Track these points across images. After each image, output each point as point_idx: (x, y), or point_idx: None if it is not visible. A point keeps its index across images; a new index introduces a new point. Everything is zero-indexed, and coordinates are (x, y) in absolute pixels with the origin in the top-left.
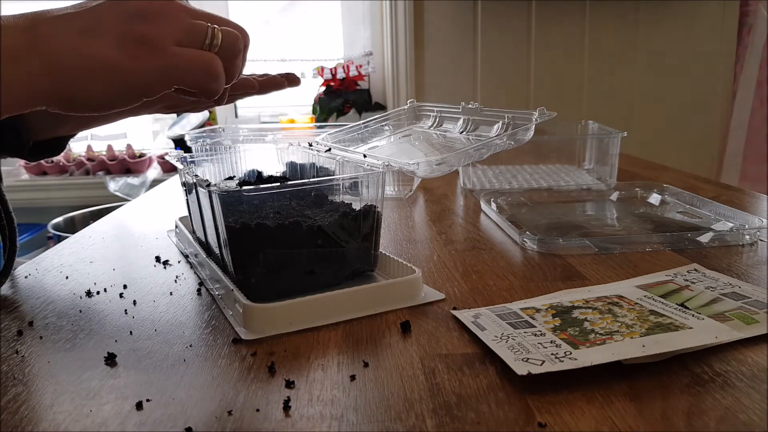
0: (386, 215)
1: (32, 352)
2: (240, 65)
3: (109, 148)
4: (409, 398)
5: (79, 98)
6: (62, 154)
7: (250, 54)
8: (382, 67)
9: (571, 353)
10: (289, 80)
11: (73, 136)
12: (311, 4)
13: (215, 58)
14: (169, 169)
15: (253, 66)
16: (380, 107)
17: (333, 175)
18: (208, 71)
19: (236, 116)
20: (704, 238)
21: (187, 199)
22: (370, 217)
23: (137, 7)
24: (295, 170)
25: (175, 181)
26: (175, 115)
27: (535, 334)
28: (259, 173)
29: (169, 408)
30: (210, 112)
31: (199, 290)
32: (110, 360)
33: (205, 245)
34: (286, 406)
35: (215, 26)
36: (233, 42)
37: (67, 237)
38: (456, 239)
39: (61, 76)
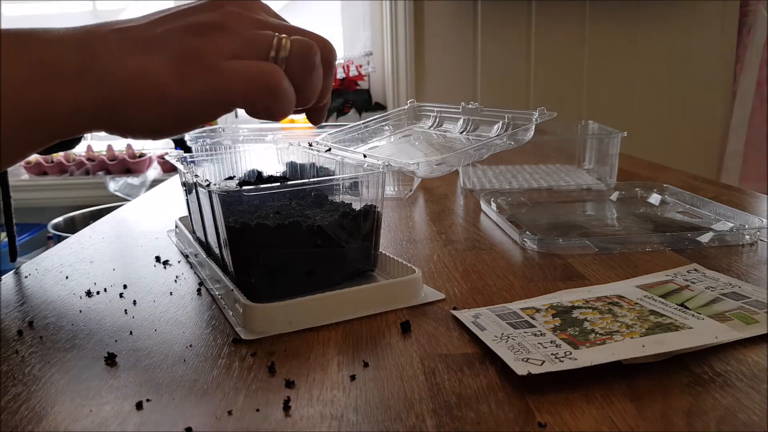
0: (386, 215)
1: (32, 352)
2: (316, 82)
3: (109, 148)
4: (409, 398)
5: (126, 124)
6: (63, 153)
7: None
8: (382, 67)
9: (571, 353)
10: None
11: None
12: (311, 4)
13: (276, 69)
14: (169, 169)
15: None
16: (380, 107)
17: (333, 175)
18: (266, 86)
19: (236, 116)
20: (704, 238)
21: (187, 199)
22: (370, 217)
23: (197, 21)
24: (295, 170)
25: (175, 181)
26: None
27: (535, 334)
28: (259, 173)
29: (169, 408)
30: (186, 132)
31: (199, 290)
32: (110, 360)
33: (205, 245)
34: (286, 406)
35: (284, 36)
36: (305, 52)
37: (67, 237)
38: (456, 239)
39: (108, 97)
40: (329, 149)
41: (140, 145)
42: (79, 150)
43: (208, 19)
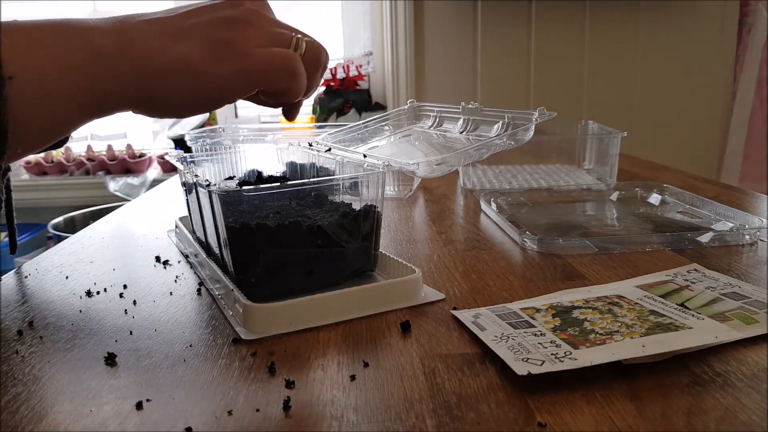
0: (386, 215)
1: (32, 352)
2: (319, 78)
3: (109, 148)
4: (409, 398)
5: (163, 100)
6: (62, 153)
7: None
8: (382, 67)
9: (571, 353)
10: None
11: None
12: (311, 4)
13: (295, 56)
14: (169, 169)
15: None
16: (380, 107)
17: (333, 175)
18: (289, 69)
19: (236, 116)
20: (704, 238)
21: (187, 199)
22: (370, 217)
23: (224, 15)
24: (295, 170)
25: (175, 181)
26: None
27: (535, 334)
28: (259, 173)
29: (169, 408)
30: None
31: (199, 290)
32: (110, 360)
33: (205, 245)
34: (286, 406)
35: (300, 35)
36: (317, 53)
37: (67, 237)
38: (456, 239)
39: (147, 78)
40: (329, 149)
41: (140, 145)
42: (79, 150)
43: (232, 14)
